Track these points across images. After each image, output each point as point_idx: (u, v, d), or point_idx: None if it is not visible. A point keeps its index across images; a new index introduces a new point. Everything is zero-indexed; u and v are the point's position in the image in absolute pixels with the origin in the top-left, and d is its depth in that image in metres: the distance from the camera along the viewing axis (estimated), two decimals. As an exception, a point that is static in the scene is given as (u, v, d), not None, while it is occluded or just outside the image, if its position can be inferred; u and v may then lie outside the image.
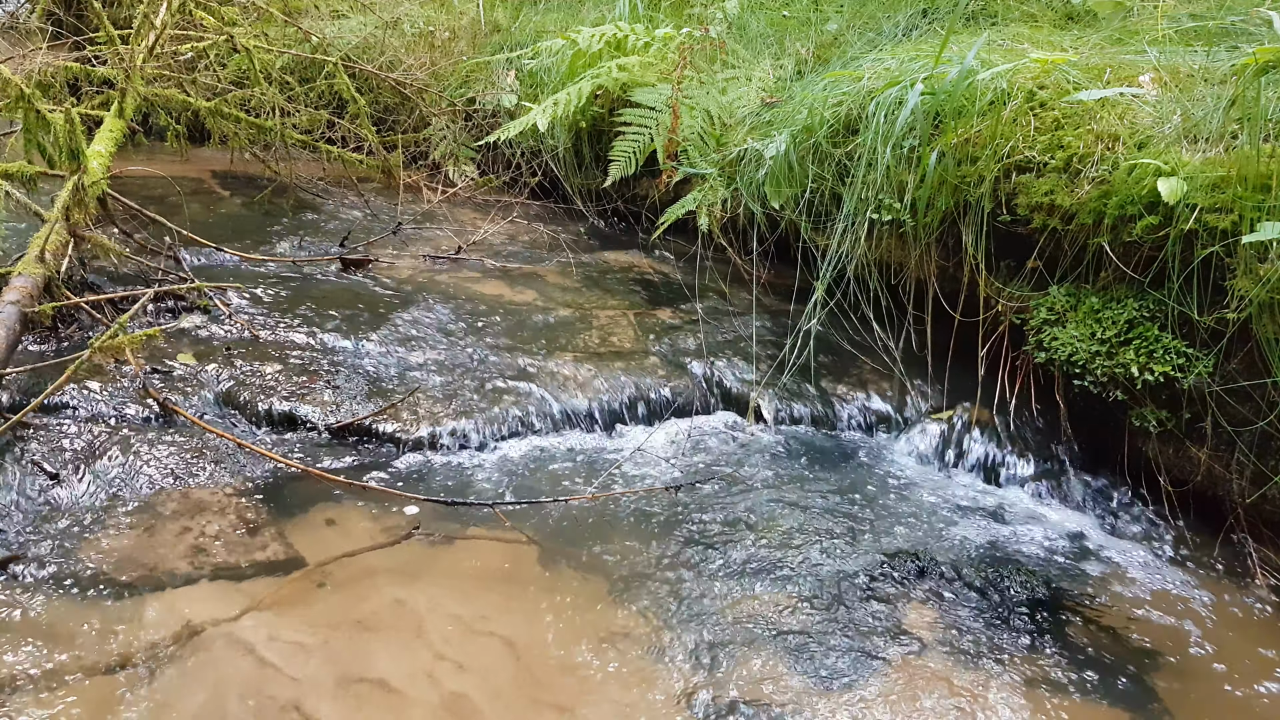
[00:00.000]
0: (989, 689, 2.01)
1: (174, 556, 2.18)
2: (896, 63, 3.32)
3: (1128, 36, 3.27)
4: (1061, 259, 2.80)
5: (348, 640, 1.98)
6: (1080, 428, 2.91)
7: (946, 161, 2.94)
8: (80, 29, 4.93)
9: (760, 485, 2.72)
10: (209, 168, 5.02)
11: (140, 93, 3.83)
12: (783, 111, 3.71)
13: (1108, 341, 2.64)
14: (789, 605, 2.21)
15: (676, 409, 3.07)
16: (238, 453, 2.56)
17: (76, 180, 3.07)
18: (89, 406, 2.63)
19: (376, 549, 2.30)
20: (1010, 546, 2.53)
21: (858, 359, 3.31)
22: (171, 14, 4.03)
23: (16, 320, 2.61)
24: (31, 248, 2.89)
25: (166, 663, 1.87)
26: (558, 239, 4.43)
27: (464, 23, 5.50)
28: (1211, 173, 2.40)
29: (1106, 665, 2.11)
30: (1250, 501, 2.51)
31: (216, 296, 3.27)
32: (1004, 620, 2.23)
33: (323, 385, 2.86)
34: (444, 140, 5.09)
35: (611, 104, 4.44)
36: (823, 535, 2.49)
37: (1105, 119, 2.72)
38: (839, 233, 3.20)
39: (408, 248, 4.16)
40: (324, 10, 5.71)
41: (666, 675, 1.97)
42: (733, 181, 3.79)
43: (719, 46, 4.28)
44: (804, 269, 3.42)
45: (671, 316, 3.62)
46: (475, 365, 3.10)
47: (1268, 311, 2.30)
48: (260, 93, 4.35)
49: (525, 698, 1.88)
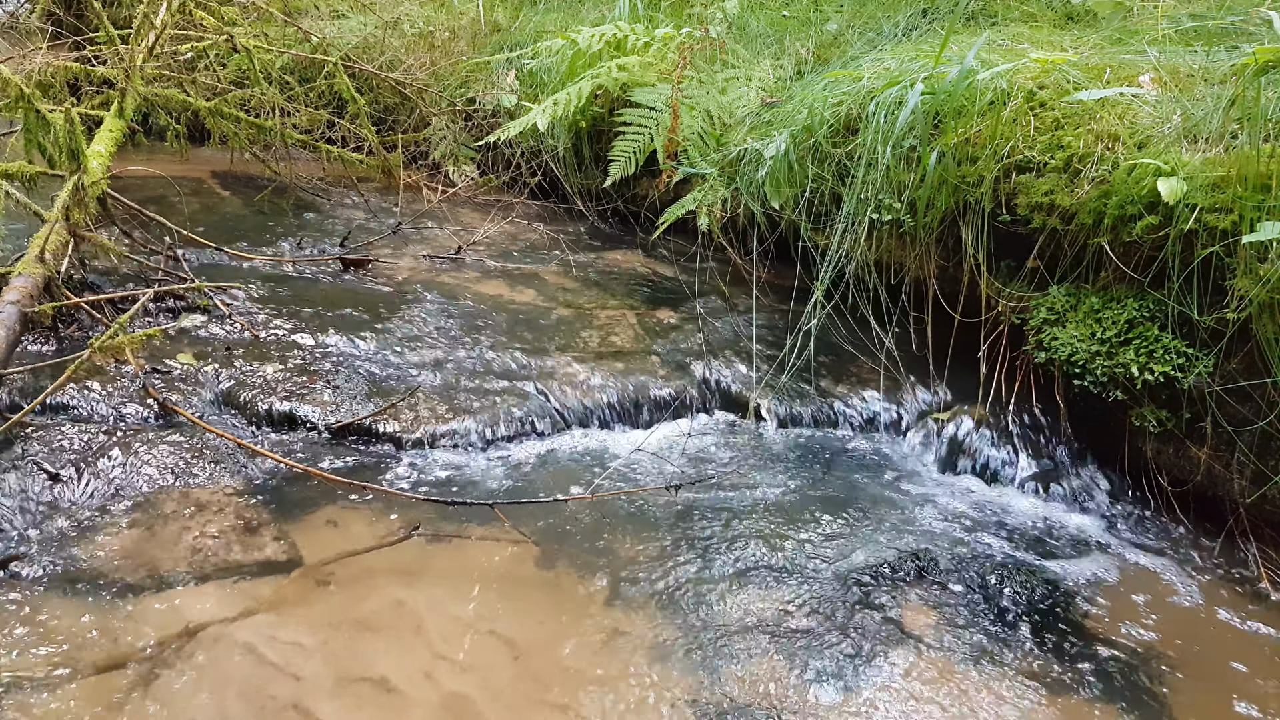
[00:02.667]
0: (989, 689, 2.01)
1: (174, 556, 2.18)
2: (896, 63, 3.32)
3: (1128, 36, 3.27)
4: (1061, 259, 2.80)
5: (348, 640, 1.98)
6: (1080, 428, 2.91)
7: (946, 161, 2.95)
8: (80, 29, 4.92)
9: (760, 485, 2.73)
10: (209, 168, 5.02)
11: (140, 93, 3.83)
12: (783, 111, 3.71)
13: (1108, 341, 2.64)
14: (789, 605, 2.21)
15: (676, 409, 3.07)
16: (238, 453, 2.56)
17: (76, 180, 3.07)
18: (89, 406, 2.63)
19: (376, 549, 2.30)
20: (1010, 546, 2.53)
21: (858, 359, 3.31)
22: (171, 14, 4.03)
23: (16, 320, 2.61)
24: (31, 248, 2.89)
25: (166, 662, 1.87)
26: (558, 239, 4.43)
27: (464, 23, 5.50)
28: (1211, 173, 2.40)
29: (1106, 665, 2.11)
30: (1250, 501, 2.51)
31: (216, 296, 3.27)
32: (1004, 620, 2.23)
33: (323, 385, 2.86)
34: (444, 140, 5.09)
35: (611, 104, 4.44)
36: (822, 535, 2.49)
37: (1105, 119, 2.72)
38: (839, 233, 3.20)
39: (408, 248, 4.16)
40: (324, 10, 5.72)
41: (666, 675, 1.97)
42: (733, 181, 3.79)
43: (719, 46, 4.28)
44: (804, 269, 3.42)
45: (671, 316, 3.62)
46: (475, 365, 3.10)
47: (1268, 311, 2.30)
48: (260, 93, 4.35)
49: (525, 698, 1.88)
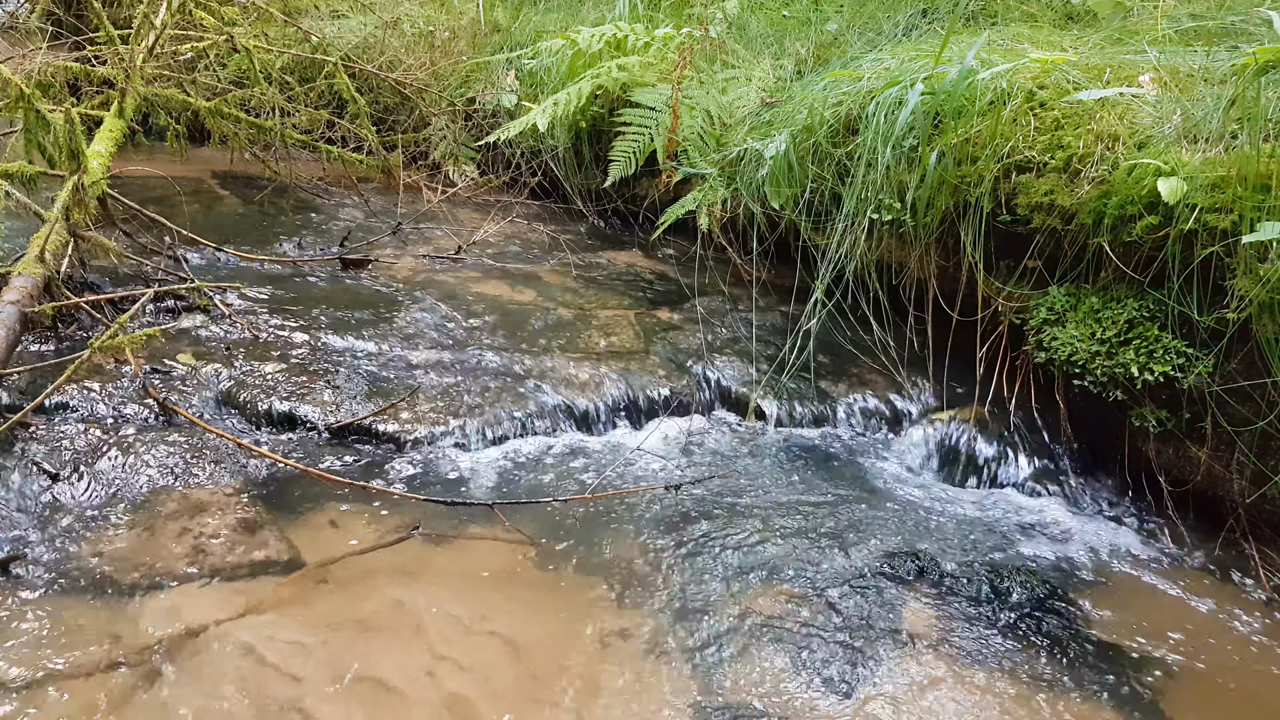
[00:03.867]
0: (988, 689, 2.01)
1: (174, 556, 2.18)
2: (896, 62, 3.32)
3: (1128, 36, 3.27)
4: (1061, 259, 2.80)
5: (348, 640, 1.98)
6: (1080, 428, 2.91)
7: (946, 161, 2.94)
8: (80, 29, 4.92)
9: (759, 485, 2.72)
10: (209, 168, 5.02)
11: (140, 93, 3.83)
12: (783, 111, 3.71)
13: (1107, 341, 2.64)
14: (788, 605, 2.21)
15: (676, 408, 3.07)
16: (238, 452, 2.56)
17: (76, 180, 3.07)
18: (89, 406, 2.63)
19: (376, 549, 2.30)
20: (1009, 546, 2.53)
21: (857, 359, 3.31)
22: (171, 14, 4.03)
23: (16, 320, 2.61)
24: (31, 248, 2.89)
25: (166, 663, 1.87)
26: (558, 239, 4.43)
27: (464, 23, 5.50)
28: (1211, 173, 2.40)
29: (1105, 666, 2.11)
30: (1250, 501, 2.50)
31: (216, 296, 3.27)
32: (1003, 620, 2.23)
33: (323, 385, 2.86)
34: (444, 140, 5.09)
35: (611, 104, 4.44)
36: (822, 535, 2.49)
37: (1105, 119, 2.72)
38: (839, 233, 3.20)
39: (408, 248, 4.16)
40: (324, 10, 5.72)
41: (666, 675, 1.97)
42: (733, 181, 3.79)
43: (719, 46, 4.28)
44: (804, 269, 3.42)
45: (671, 316, 3.62)
46: (475, 365, 3.10)
47: (1268, 311, 2.30)
48: (260, 93, 4.35)
49: (525, 698, 1.88)
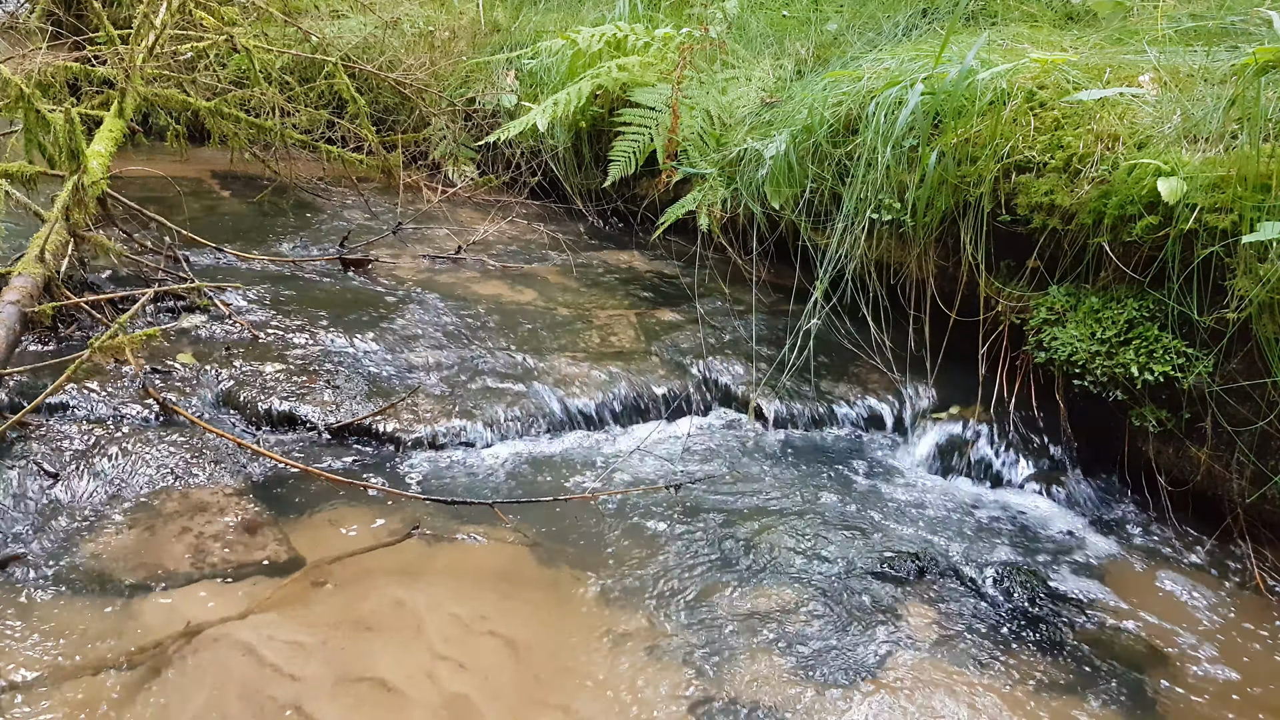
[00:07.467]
0: (988, 689, 2.01)
1: (174, 556, 2.18)
2: (896, 63, 3.32)
3: (1128, 36, 3.27)
4: (1061, 259, 2.80)
5: (348, 640, 1.98)
6: (1080, 428, 2.91)
7: (946, 161, 2.94)
8: (80, 29, 4.92)
9: (759, 485, 2.73)
10: (209, 168, 5.02)
11: (140, 93, 3.83)
12: (783, 111, 3.71)
13: (1107, 341, 2.64)
14: (788, 605, 2.21)
15: (676, 408, 3.07)
16: (238, 452, 2.56)
17: (76, 180, 3.07)
18: (89, 406, 2.63)
19: (376, 549, 2.30)
20: (1009, 546, 2.53)
21: (857, 359, 3.31)
22: (171, 14, 4.02)
23: (16, 320, 2.61)
24: (31, 248, 2.89)
25: (166, 663, 1.87)
26: (557, 239, 4.43)
27: (464, 23, 5.50)
28: (1211, 173, 2.40)
29: (1105, 666, 2.11)
30: (1250, 501, 2.51)
31: (216, 296, 3.27)
32: (1003, 620, 2.23)
33: (323, 385, 2.86)
34: (444, 140, 5.09)
35: (611, 104, 4.44)
36: (822, 535, 2.49)
37: (1105, 119, 2.72)
38: (839, 232, 3.20)
39: (407, 248, 4.16)
40: (324, 10, 5.71)
41: (666, 675, 1.97)
42: (733, 181, 3.79)
43: (719, 46, 4.28)
44: (804, 269, 3.42)
45: (671, 316, 3.62)
46: (475, 365, 3.10)
47: (1268, 311, 2.30)
48: (260, 93, 4.35)
49: (525, 698, 1.88)
